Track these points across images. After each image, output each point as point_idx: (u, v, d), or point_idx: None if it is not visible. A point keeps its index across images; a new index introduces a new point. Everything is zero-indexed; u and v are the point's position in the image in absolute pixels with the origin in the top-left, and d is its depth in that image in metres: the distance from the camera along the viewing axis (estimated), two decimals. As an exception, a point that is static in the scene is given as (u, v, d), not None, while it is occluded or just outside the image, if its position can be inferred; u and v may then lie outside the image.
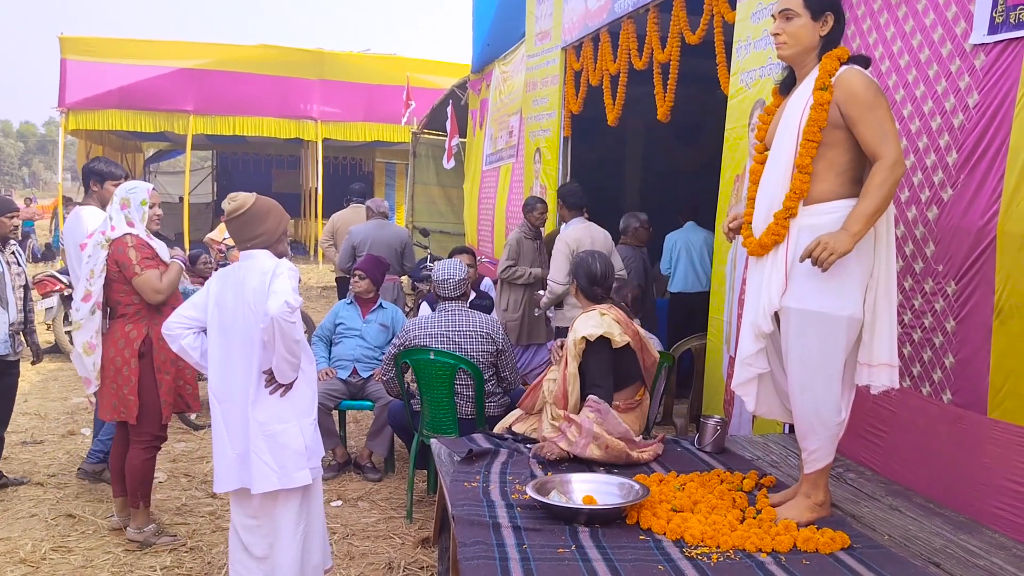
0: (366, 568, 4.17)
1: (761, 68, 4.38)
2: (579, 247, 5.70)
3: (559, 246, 5.99)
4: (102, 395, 4.36)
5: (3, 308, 4.86)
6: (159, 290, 4.27)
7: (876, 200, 2.69)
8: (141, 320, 4.30)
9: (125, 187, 4.43)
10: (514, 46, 9.08)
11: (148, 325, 4.29)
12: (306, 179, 22.08)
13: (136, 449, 4.35)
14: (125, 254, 4.24)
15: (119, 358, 4.28)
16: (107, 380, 4.31)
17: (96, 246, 4.27)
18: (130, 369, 4.27)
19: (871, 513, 3.05)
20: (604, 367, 3.72)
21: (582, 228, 6.07)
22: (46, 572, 4.07)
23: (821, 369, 2.84)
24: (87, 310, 4.27)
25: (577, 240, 5.90)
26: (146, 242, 4.32)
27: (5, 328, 4.88)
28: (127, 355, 4.27)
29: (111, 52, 17.98)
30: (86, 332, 4.32)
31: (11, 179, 69.15)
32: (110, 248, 4.26)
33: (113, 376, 4.30)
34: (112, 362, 4.30)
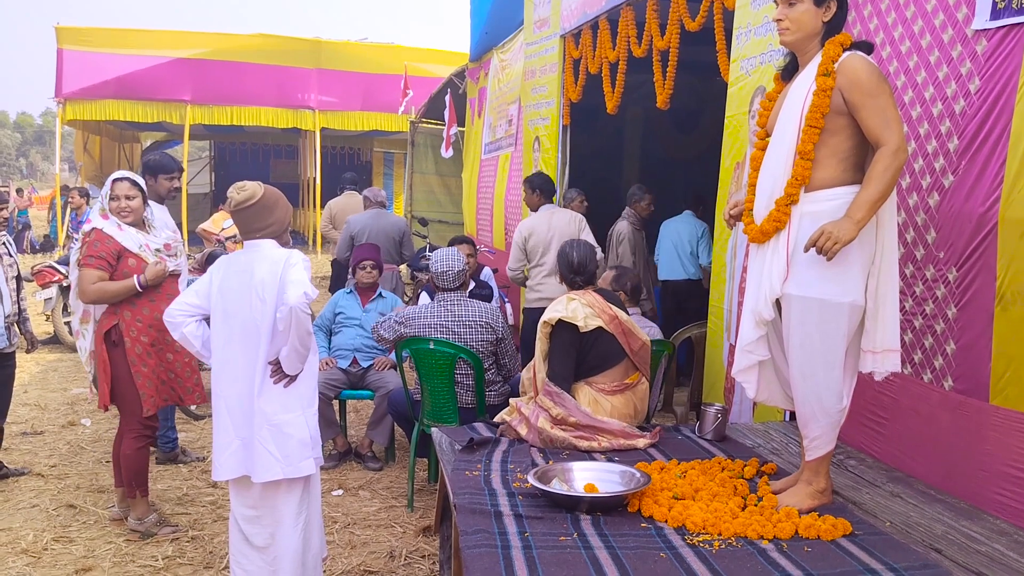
0: (368, 557, 4.18)
1: (761, 55, 4.37)
2: (531, 234, 6.26)
3: (515, 235, 6.38)
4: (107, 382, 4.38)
5: None
6: (85, 292, 4.22)
7: (879, 187, 2.68)
8: (114, 311, 4.29)
9: (112, 176, 4.44)
10: (512, 34, 9.04)
11: (119, 316, 4.27)
12: (304, 169, 22.04)
13: (127, 439, 4.37)
14: (80, 247, 4.28)
15: (97, 347, 4.33)
16: (102, 369, 4.36)
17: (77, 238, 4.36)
18: (101, 359, 4.30)
19: (872, 500, 3.05)
20: (563, 351, 3.79)
21: (542, 216, 6.39)
22: (48, 563, 4.07)
23: (822, 356, 2.83)
24: (73, 297, 4.37)
25: (530, 228, 6.33)
26: (109, 236, 4.26)
27: (1, 320, 4.87)
28: (97, 343, 4.32)
29: (108, 42, 17.91)
30: (75, 320, 4.45)
31: (8, 170, 68.97)
32: (81, 240, 4.32)
33: (99, 365, 4.36)
34: (94, 352, 4.38)
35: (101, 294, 4.23)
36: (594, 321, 3.78)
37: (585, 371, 3.80)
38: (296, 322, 3.14)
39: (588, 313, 3.79)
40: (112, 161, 22.32)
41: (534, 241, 6.26)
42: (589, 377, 3.80)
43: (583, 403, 3.73)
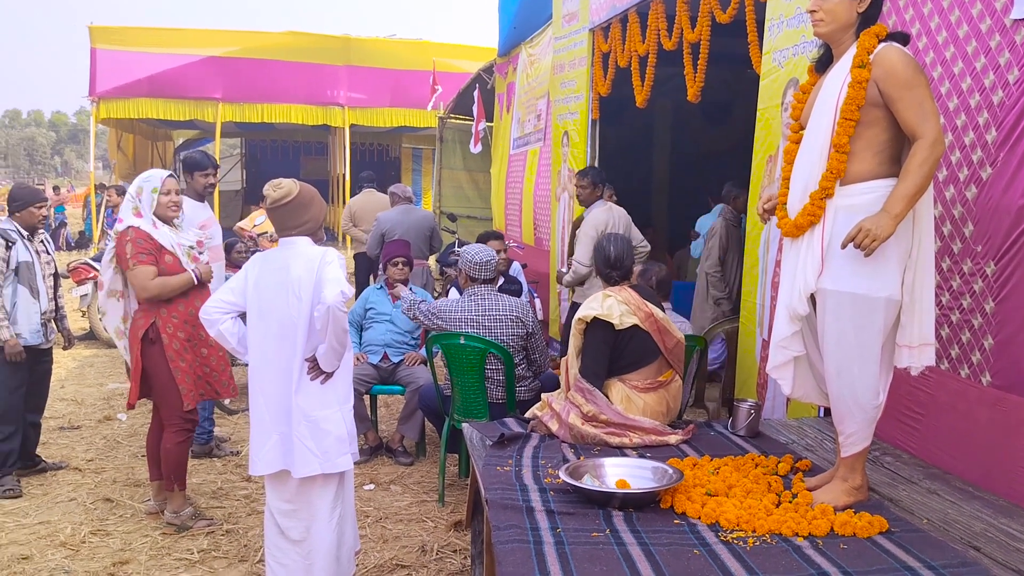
0: (399, 551, 4.20)
1: (794, 47, 4.32)
2: (605, 229, 5.85)
3: (586, 230, 6.06)
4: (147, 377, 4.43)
5: (35, 298, 4.93)
6: (146, 288, 4.27)
7: (917, 180, 2.64)
8: (151, 308, 4.34)
9: (141, 176, 4.48)
10: (541, 28, 9.01)
11: (156, 314, 4.32)
12: (333, 165, 22.15)
13: (167, 434, 4.42)
14: (123, 247, 4.31)
15: (134, 345, 4.37)
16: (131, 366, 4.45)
17: (111, 239, 4.39)
18: (135, 357, 4.36)
19: (909, 497, 3.01)
20: (596, 348, 3.77)
21: (605, 210, 6.18)
22: (86, 555, 4.13)
23: (858, 352, 2.80)
24: (103, 296, 4.41)
25: (604, 223, 6.01)
26: (148, 235, 4.31)
27: (37, 317, 4.95)
28: (132, 343, 4.36)
29: (140, 41, 18.11)
30: (111, 319, 4.47)
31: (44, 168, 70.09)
32: (115, 240, 4.34)
33: (132, 362, 4.42)
34: (130, 350, 4.43)
35: (163, 288, 4.30)
36: (630, 319, 3.75)
37: (619, 369, 3.78)
38: (333, 320, 3.16)
39: (624, 311, 3.76)
40: (145, 159, 22.58)
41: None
42: (623, 374, 3.78)
43: (615, 400, 3.72)
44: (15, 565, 4.00)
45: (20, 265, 4.86)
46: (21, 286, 4.87)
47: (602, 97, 7.18)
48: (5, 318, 4.75)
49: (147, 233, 4.31)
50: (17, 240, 4.88)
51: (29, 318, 4.90)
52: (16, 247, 4.87)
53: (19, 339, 4.80)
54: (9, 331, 4.75)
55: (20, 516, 4.57)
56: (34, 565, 4.01)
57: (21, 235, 4.92)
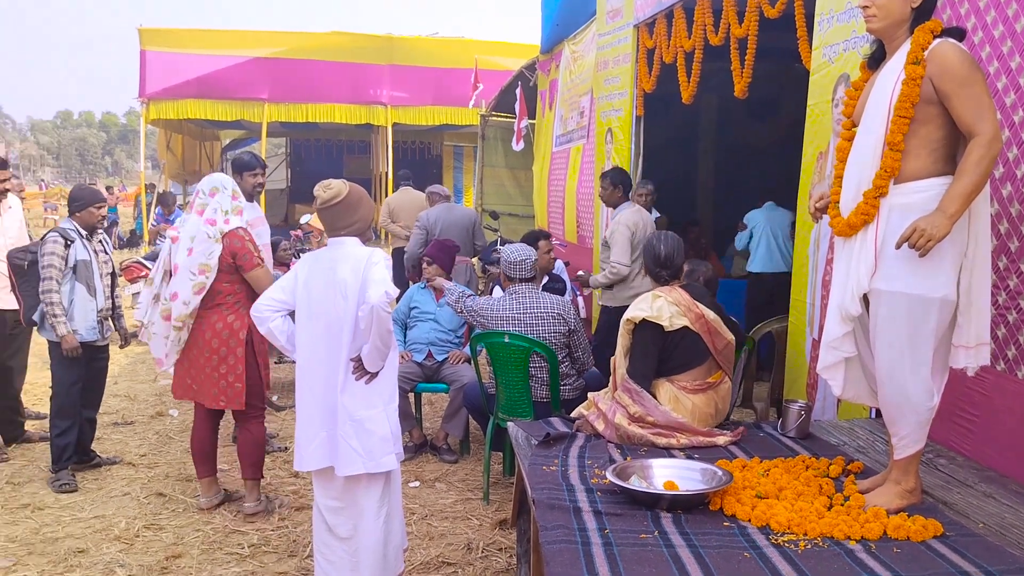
0: (445, 548, 4.22)
1: (845, 41, 4.25)
2: (637, 229, 6.04)
3: (620, 230, 6.10)
4: (198, 382, 4.48)
5: (92, 295, 5.04)
6: (263, 287, 4.28)
7: (973, 178, 2.58)
8: (241, 309, 4.41)
9: (225, 177, 4.57)
10: (584, 25, 8.98)
11: (245, 314, 4.39)
12: (376, 164, 22.30)
13: (254, 423, 4.56)
14: (244, 247, 4.40)
15: (223, 348, 4.41)
16: (207, 369, 4.44)
17: (207, 240, 4.35)
18: (236, 358, 4.41)
19: (964, 500, 2.96)
20: (644, 349, 3.73)
21: (635, 211, 6.24)
22: (140, 549, 4.22)
23: (911, 353, 2.75)
24: (196, 303, 4.37)
25: (635, 223, 6.10)
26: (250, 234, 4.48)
27: (94, 315, 5.05)
28: (232, 345, 4.38)
29: (188, 43, 18.40)
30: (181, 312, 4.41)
31: (95, 168, 71.60)
32: (224, 241, 4.37)
33: (216, 365, 4.43)
34: (216, 352, 4.42)
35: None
36: (680, 320, 3.71)
37: (668, 370, 3.75)
38: (377, 320, 3.18)
39: (674, 312, 3.72)
40: (193, 159, 22.95)
41: (638, 237, 6.09)
42: (671, 375, 3.75)
43: (663, 400, 3.69)
44: (72, 558, 4.09)
45: (78, 263, 4.97)
46: (78, 284, 4.98)
47: (646, 93, 7.13)
48: (63, 314, 4.86)
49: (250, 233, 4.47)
50: (76, 239, 5.00)
51: (85, 315, 5.01)
52: (75, 246, 4.98)
53: (75, 335, 4.91)
54: (66, 327, 4.86)
55: (76, 510, 4.67)
56: (90, 558, 4.10)
57: (80, 234, 5.03)
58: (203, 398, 4.48)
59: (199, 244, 4.36)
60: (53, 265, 4.86)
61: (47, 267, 4.85)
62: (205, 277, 4.35)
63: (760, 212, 7.77)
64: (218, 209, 4.42)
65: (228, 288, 4.41)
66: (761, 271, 7.56)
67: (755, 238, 7.65)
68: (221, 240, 4.37)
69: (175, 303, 4.39)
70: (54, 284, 4.86)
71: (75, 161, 75.52)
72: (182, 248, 4.40)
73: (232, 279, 4.42)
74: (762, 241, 7.60)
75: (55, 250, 4.88)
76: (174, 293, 4.40)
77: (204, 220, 4.39)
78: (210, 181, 4.51)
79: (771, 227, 7.58)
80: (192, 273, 4.35)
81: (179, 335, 4.44)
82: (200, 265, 4.35)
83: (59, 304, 4.85)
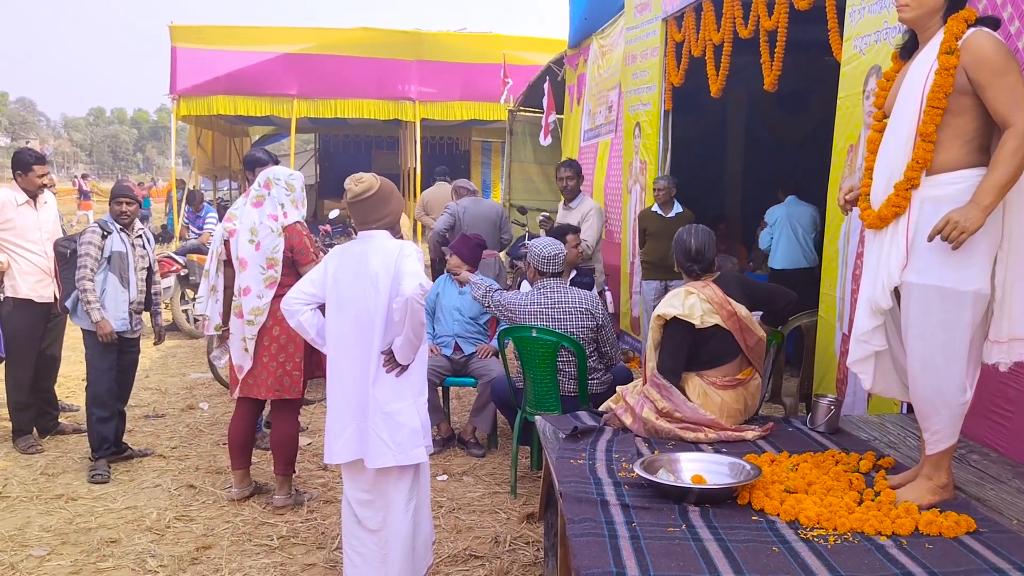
0: (473, 541, 4.23)
1: (876, 33, 4.20)
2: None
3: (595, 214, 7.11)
4: (252, 374, 4.52)
5: (125, 287, 5.12)
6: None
7: (1008, 170, 2.54)
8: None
9: (284, 170, 4.61)
10: (612, 19, 8.95)
11: None
12: (404, 159, 22.34)
13: (291, 420, 4.62)
14: (302, 241, 4.48)
15: (284, 336, 4.46)
16: (265, 358, 4.49)
17: (271, 234, 4.43)
18: (296, 346, 4.47)
19: (997, 496, 2.92)
20: (674, 347, 3.72)
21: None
22: (170, 540, 4.27)
23: (944, 346, 2.72)
24: (269, 297, 4.43)
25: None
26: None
27: (126, 306, 5.13)
28: (293, 333, 4.32)
29: (218, 39, 18.53)
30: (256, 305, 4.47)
31: (127, 164, 72.49)
32: (284, 235, 4.44)
33: (274, 354, 4.49)
34: (276, 339, 4.48)
35: None
36: (711, 318, 3.68)
37: (697, 365, 3.73)
38: (411, 313, 3.19)
39: (707, 309, 3.69)
40: (224, 155, 23.14)
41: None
42: (701, 370, 3.73)
43: (692, 394, 3.67)
44: (104, 548, 4.15)
45: (113, 255, 5.07)
46: (111, 274, 5.07)
47: (675, 87, 7.10)
48: (96, 301, 4.96)
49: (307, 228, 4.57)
50: (113, 231, 5.12)
51: (117, 305, 5.09)
52: (111, 237, 5.10)
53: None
54: (100, 313, 4.96)
55: (108, 501, 4.74)
56: (122, 548, 4.16)
57: (116, 227, 5.13)
58: (258, 390, 4.53)
59: (264, 238, 4.44)
60: (89, 254, 4.98)
61: (83, 256, 4.99)
62: (274, 271, 4.44)
63: (781, 208, 7.67)
64: (276, 202, 4.48)
65: (287, 280, 4.43)
66: (783, 267, 7.47)
67: (776, 234, 7.56)
68: (283, 234, 4.45)
69: (247, 298, 4.45)
70: (88, 272, 4.97)
71: (107, 157, 76.51)
72: (243, 240, 4.47)
73: (290, 271, 4.46)
74: (782, 237, 7.51)
75: (92, 239, 5.03)
76: (246, 288, 4.45)
77: (266, 214, 4.45)
78: (264, 174, 4.57)
79: (791, 222, 7.48)
80: (262, 267, 4.44)
81: (253, 331, 4.47)
82: (268, 259, 4.43)
83: (92, 291, 4.96)
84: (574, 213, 7.05)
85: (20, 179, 5.60)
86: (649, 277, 7.28)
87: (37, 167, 5.60)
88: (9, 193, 5.59)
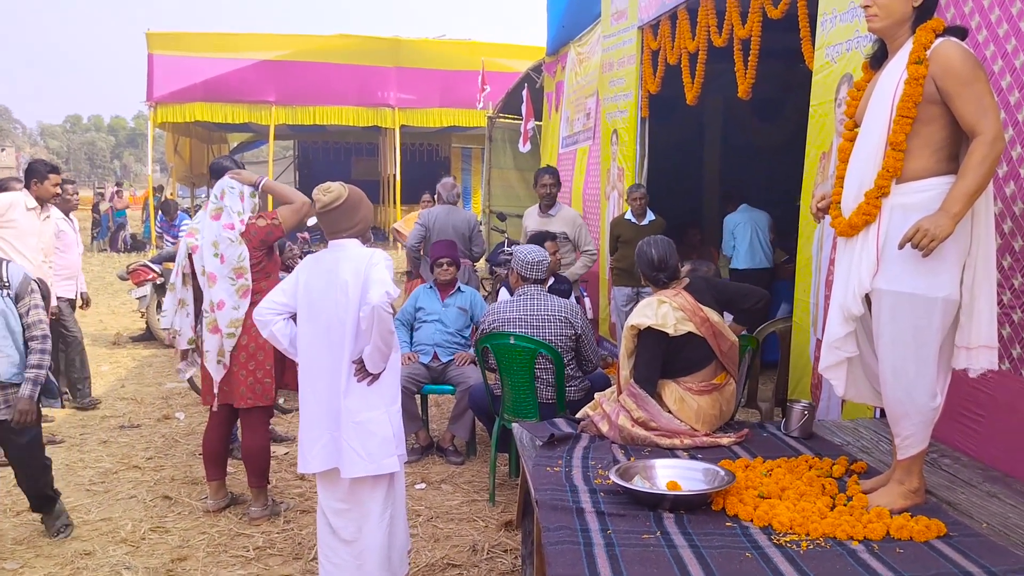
0: (451, 550, 4.22)
1: (848, 41, 4.24)
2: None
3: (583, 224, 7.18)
4: (226, 382, 4.47)
5: None
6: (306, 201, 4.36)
7: (976, 178, 2.57)
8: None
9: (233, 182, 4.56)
10: (589, 27, 8.99)
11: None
12: (384, 166, 22.36)
13: (261, 431, 4.56)
14: (259, 228, 4.39)
15: (253, 344, 4.40)
16: (235, 368, 4.44)
17: (232, 244, 4.34)
18: (265, 353, 4.43)
19: (968, 500, 2.95)
20: (649, 356, 3.74)
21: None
22: (145, 552, 4.23)
23: (914, 352, 2.75)
24: (246, 306, 4.36)
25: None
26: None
27: None
28: (262, 340, 4.25)
29: (196, 46, 18.49)
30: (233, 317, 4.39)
31: (103, 172, 71.85)
32: (245, 240, 4.37)
33: (244, 363, 4.43)
34: (245, 348, 4.42)
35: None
36: (685, 326, 3.71)
37: (673, 371, 3.75)
38: (379, 321, 3.18)
39: (679, 317, 3.72)
40: (201, 162, 23.04)
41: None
42: (677, 377, 3.75)
43: (669, 400, 3.69)
44: (78, 560, 4.11)
45: None
46: None
47: (652, 95, 7.14)
48: None
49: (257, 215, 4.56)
50: None
51: None
52: None
53: None
54: None
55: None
56: (96, 560, 4.12)
57: None
58: (233, 398, 4.49)
59: (226, 250, 4.35)
60: None
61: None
62: (244, 280, 4.37)
63: (739, 214, 7.98)
64: (231, 211, 4.42)
65: (255, 286, 4.40)
66: (746, 268, 7.75)
67: (739, 238, 7.86)
68: (242, 241, 4.38)
69: (222, 312, 4.36)
70: None
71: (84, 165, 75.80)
72: (208, 255, 4.36)
73: (256, 277, 4.41)
74: (745, 240, 7.81)
75: None
76: (219, 302, 4.35)
77: (223, 225, 4.37)
78: (219, 185, 4.51)
79: (753, 226, 7.80)
80: (231, 279, 4.35)
81: (232, 343, 4.40)
82: (235, 269, 4.35)
83: None
84: (555, 221, 7.02)
85: (36, 187, 5.95)
86: (621, 283, 7.40)
87: (52, 176, 6.03)
88: (21, 196, 5.92)
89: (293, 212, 4.45)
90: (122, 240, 20.54)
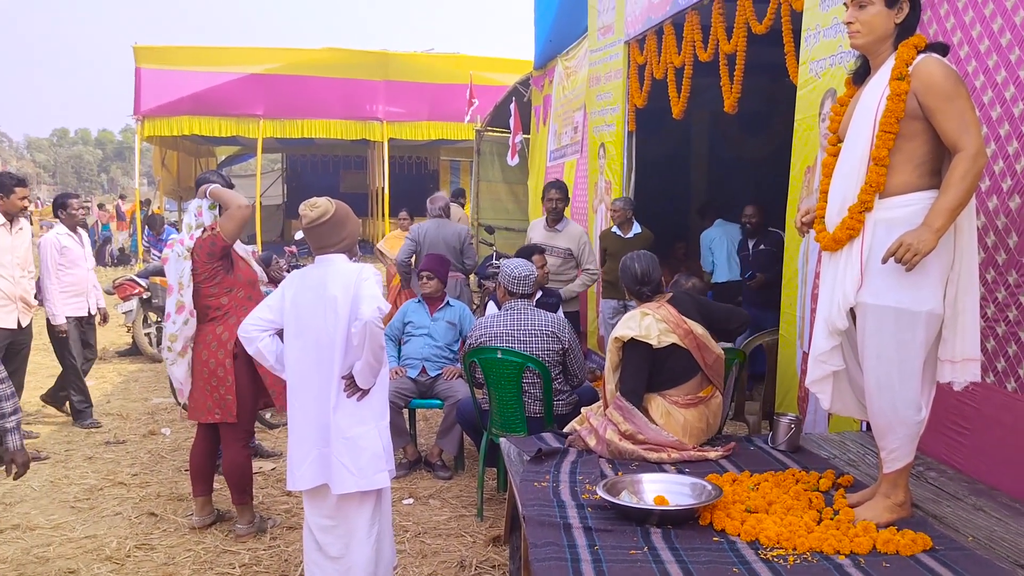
0: (438, 566, 4.20)
1: (831, 56, 4.28)
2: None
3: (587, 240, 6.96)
4: (193, 398, 4.47)
5: None
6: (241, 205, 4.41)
7: (958, 193, 2.60)
8: (230, 320, 4.39)
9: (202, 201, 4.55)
10: (576, 41, 9.04)
11: (237, 324, 4.35)
12: (373, 179, 22.35)
13: (236, 448, 4.50)
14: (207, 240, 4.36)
15: (212, 360, 4.39)
16: (200, 383, 4.43)
17: (178, 259, 4.36)
18: (225, 370, 4.39)
19: (954, 514, 2.96)
20: (635, 368, 3.75)
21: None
22: (130, 569, 4.20)
23: (899, 366, 2.76)
24: (182, 320, 4.38)
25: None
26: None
27: None
28: (221, 356, 4.36)
29: (183, 60, 18.46)
30: (182, 340, 4.42)
31: (91, 185, 71.58)
32: (193, 255, 4.36)
33: (207, 379, 4.41)
34: (205, 364, 4.41)
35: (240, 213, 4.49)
36: (668, 337, 3.72)
37: (658, 384, 3.76)
38: (370, 336, 3.18)
39: (663, 329, 3.74)
40: (189, 175, 22.97)
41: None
42: (662, 390, 3.76)
43: (655, 414, 3.69)
44: (63, 578, 4.07)
45: None
46: None
47: (638, 109, 7.17)
48: None
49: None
50: None
51: None
52: None
53: None
54: None
55: (67, 530, 4.65)
56: (81, 578, 4.08)
57: None
58: (199, 413, 4.47)
59: (172, 264, 4.40)
60: None
61: None
62: (180, 295, 4.37)
63: (714, 229, 8.06)
64: (186, 225, 4.45)
65: (213, 302, 4.40)
66: (725, 280, 7.81)
67: (716, 252, 7.97)
68: (190, 256, 4.37)
69: (167, 323, 4.42)
70: None
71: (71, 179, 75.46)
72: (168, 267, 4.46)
73: (215, 292, 4.40)
74: (722, 254, 7.91)
75: None
76: (168, 314, 4.43)
77: (178, 240, 4.43)
78: (194, 202, 4.54)
79: (728, 241, 7.89)
80: (175, 291, 4.40)
81: (176, 357, 4.42)
82: (177, 283, 4.38)
83: None
84: (561, 236, 6.85)
85: (2, 202, 5.69)
86: (608, 296, 7.41)
87: (19, 189, 5.73)
88: None
89: (228, 219, 4.40)
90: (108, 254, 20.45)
